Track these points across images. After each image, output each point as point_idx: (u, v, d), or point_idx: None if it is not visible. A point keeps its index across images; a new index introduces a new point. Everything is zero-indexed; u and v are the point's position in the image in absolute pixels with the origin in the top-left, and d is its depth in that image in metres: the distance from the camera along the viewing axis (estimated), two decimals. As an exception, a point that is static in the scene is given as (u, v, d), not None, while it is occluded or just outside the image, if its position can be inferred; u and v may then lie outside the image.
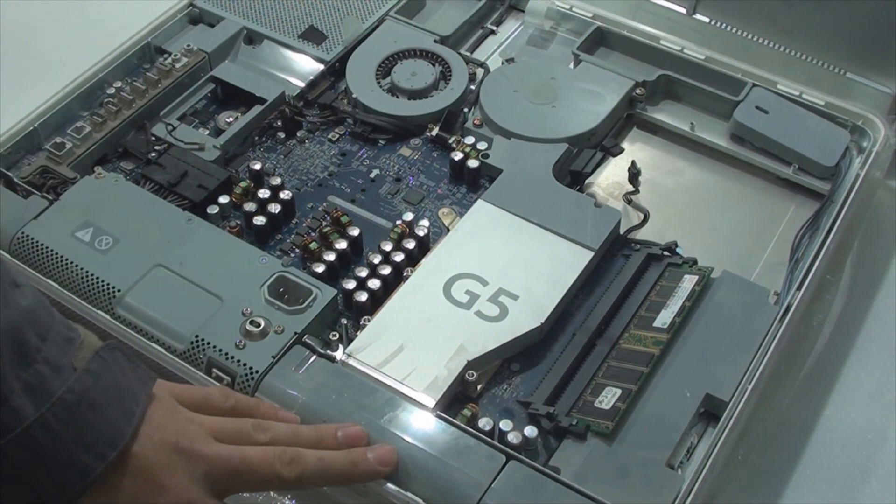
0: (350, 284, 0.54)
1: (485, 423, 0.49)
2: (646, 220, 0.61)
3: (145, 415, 0.40)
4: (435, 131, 0.65)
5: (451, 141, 0.64)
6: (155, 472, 0.39)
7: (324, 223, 0.59)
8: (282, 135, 0.65)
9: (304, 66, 0.69)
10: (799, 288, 0.55)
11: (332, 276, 0.56)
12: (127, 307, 0.52)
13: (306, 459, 0.43)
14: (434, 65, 0.68)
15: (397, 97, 0.67)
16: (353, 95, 0.66)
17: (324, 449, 0.44)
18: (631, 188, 0.62)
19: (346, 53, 0.69)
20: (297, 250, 0.58)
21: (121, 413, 0.39)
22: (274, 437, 0.43)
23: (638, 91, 0.67)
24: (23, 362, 0.36)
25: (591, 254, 0.56)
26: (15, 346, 0.36)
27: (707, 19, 0.72)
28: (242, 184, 0.60)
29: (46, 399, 0.36)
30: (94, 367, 0.38)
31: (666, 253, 0.58)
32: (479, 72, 0.69)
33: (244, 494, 0.50)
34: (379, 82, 0.67)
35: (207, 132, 0.64)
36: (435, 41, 0.70)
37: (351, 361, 0.51)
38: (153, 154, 0.62)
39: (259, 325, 0.51)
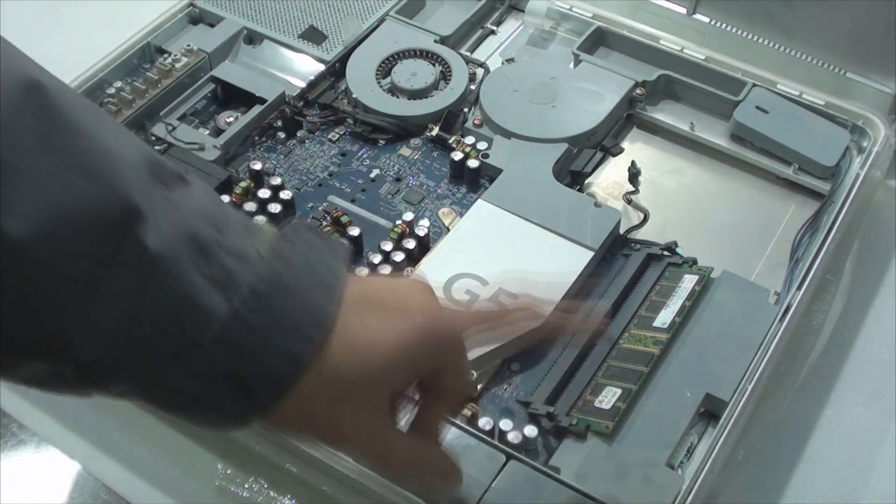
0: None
1: (485, 422, 0.49)
2: (646, 220, 0.61)
3: (347, 284, 0.36)
4: (435, 131, 0.65)
5: (451, 141, 0.64)
6: (387, 304, 0.37)
7: (324, 223, 0.59)
8: (282, 135, 0.65)
9: (304, 66, 0.69)
10: (799, 288, 0.55)
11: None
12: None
13: None
14: (434, 65, 0.68)
15: (397, 97, 0.67)
16: (353, 95, 0.66)
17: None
18: (631, 188, 0.62)
19: (346, 53, 0.69)
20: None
21: (321, 292, 0.35)
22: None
23: (638, 91, 0.67)
24: (204, 259, 0.33)
25: (591, 254, 0.56)
26: (193, 244, 0.33)
27: (707, 19, 0.72)
28: (243, 184, 0.60)
29: (236, 290, 0.33)
30: (282, 249, 0.35)
31: (666, 253, 0.58)
32: (479, 72, 0.69)
33: (244, 493, 0.50)
34: (379, 82, 0.67)
35: (207, 132, 0.64)
36: (435, 41, 0.70)
37: (351, 361, 0.51)
38: (153, 154, 0.62)
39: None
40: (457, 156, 0.62)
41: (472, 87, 0.68)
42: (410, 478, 0.42)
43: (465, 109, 0.66)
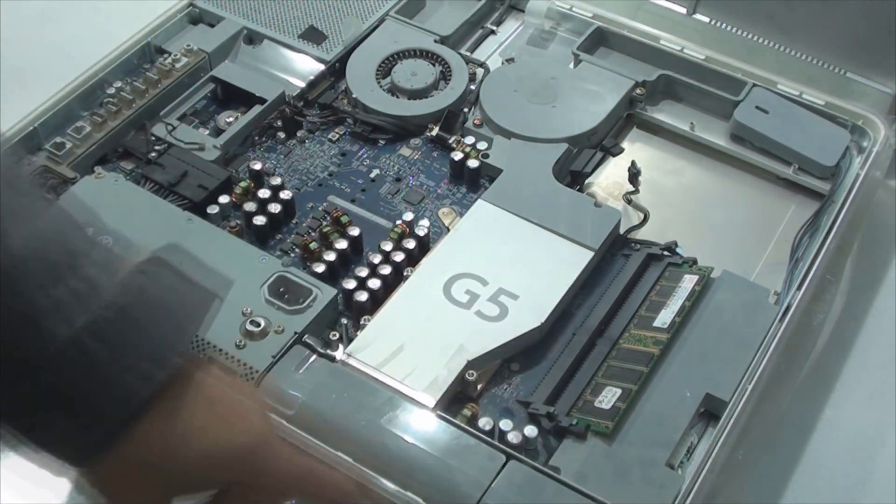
0: (350, 284, 0.54)
1: (485, 422, 0.49)
2: (646, 220, 0.61)
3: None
4: (435, 131, 0.65)
5: (451, 141, 0.64)
6: (232, 407, 0.36)
7: (324, 223, 0.59)
8: (282, 135, 0.65)
9: (304, 66, 0.69)
10: (799, 288, 0.55)
11: (332, 276, 0.56)
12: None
13: None
14: (434, 65, 0.68)
15: (397, 97, 0.67)
16: (353, 95, 0.66)
17: None
18: (631, 188, 0.62)
19: (346, 53, 0.69)
20: (297, 250, 0.58)
21: (172, 331, 0.34)
22: None
23: (638, 91, 0.67)
24: (53, 280, 0.32)
25: (591, 254, 0.56)
26: (45, 261, 0.32)
27: (707, 19, 0.72)
28: (242, 184, 0.60)
29: (81, 318, 0.32)
30: (136, 280, 0.34)
31: (666, 253, 0.58)
32: (479, 72, 0.69)
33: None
34: (379, 82, 0.67)
35: (207, 132, 0.64)
36: (435, 41, 0.70)
37: (351, 361, 0.51)
38: (153, 154, 0.62)
39: (259, 325, 0.51)
40: (457, 156, 0.62)
41: (472, 87, 0.68)
42: None
43: (465, 109, 0.66)
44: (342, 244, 0.56)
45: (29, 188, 0.34)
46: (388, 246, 0.56)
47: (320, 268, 0.55)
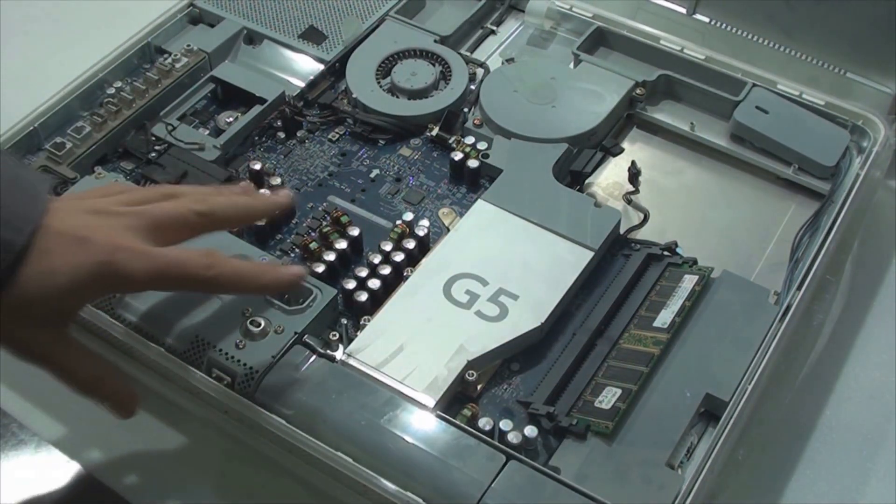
0: (350, 284, 0.54)
1: (485, 423, 0.49)
2: (646, 220, 0.61)
3: (51, 204, 0.43)
4: (435, 131, 0.65)
5: (451, 141, 0.64)
6: (76, 233, 0.42)
7: (324, 223, 0.59)
8: (282, 135, 0.65)
9: (304, 66, 0.69)
10: (799, 288, 0.55)
11: (332, 276, 0.56)
12: (127, 307, 0.52)
13: (218, 202, 0.48)
14: (434, 65, 0.68)
15: (397, 97, 0.67)
16: (353, 95, 0.66)
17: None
18: (631, 188, 0.62)
19: (346, 53, 0.69)
20: (297, 250, 0.58)
21: (27, 197, 0.42)
22: (183, 193, 0.48)
23: (638, 91, 0.67)
24: None
25: (591, 254, 0.56)
26: None
27: (707, 19, 0.72)
28: (243, 184, 0.60)
29: None
30: None
31: (666, 253, 0.58)
32: (479, 72, 0.69)
33: (244, 494, 0.50)
34: (379, 82, 0.67)
35: (207, 132, 0.64)
36: (435, 41, 0.70)
37: (351, 361, 0.51)
38: (153, 154, 0.62)
39: (259, 325, 0.51)
40: (457, 156, 0.62)
41: (472, 87, 0.68)
42: (87, 393, 0.46)
43: (465, 109, 0.66)
44: (342, 244, 0.56)
45: None
46: (388, 246, 0.56)
47: (320, 268, 0.55)
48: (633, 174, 0.63)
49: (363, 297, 0.54)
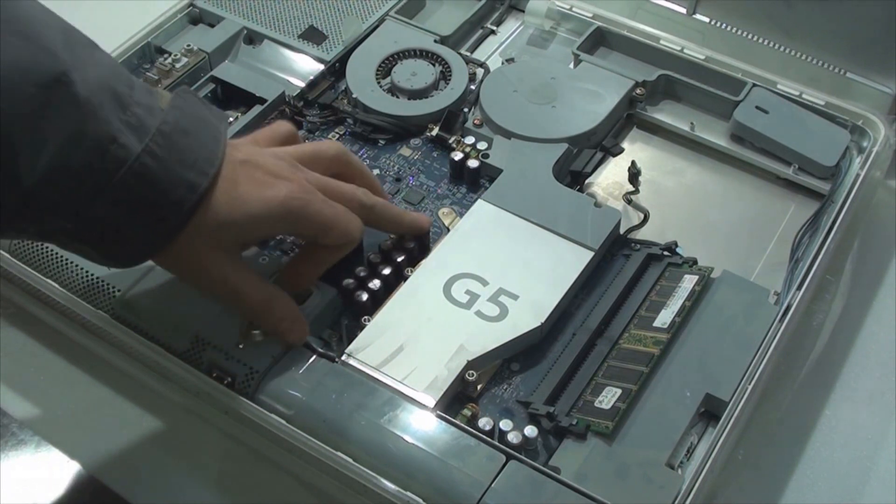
0: (350, 284, 0.54)
1: (485, 423, 0.49)
2: (646, 220, 0.61)
3: (232, 144, 0.46)
4: (435, 131, 0.65)
5: (451, 141, 0.64)
6: (269, 168, 0.47)
7: (324, 223, 0.58)
8: (282, 135, 0.65)
9: (304, 66, 0.69)
10: (799, 288, 0.55)
11: (332, 276, 0.56)
12: (127, 307, 0.52)
13: (379, 203, 0.53)
14: (434, 65, 0.68)
15: (397, 97, 0.67)
16: (353, 95, 0.66)
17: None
18: (631, 188, 0.62)
19: (346, 53, 0.69)
20: (297, 250, 0.58)
21: (210, 137, 0.45)
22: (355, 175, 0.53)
23: (638, 91, 0.67)
24: (121, 107, 0.41)
25: (591, 254, 0.56)
26: (111, 95, 0.41)
27: (707, 19, 0.72)
28: (242, 184, 0.60)
29: (147, 133, 0.42)
30: (178, 103, 0.44)
31: (666, 253, 0.58)
32: (479, 72, 0.69)
33: (244, 493, 0.50)
34: (379, 82, 0.67)
35: (207, 132, 0.64)
36: (435, 41, 0.70)
37: (351, 361, 0.51)
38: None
39: (259, 326, 0.51)
40: (457, 156, 0.62)
41: (472, 87, 0.68)
42: (260, 316, 0.49)
43: (465, 109, 0.66)
44: (342, 244, 0.56)
45: (83, 38, 0.42)
46: (388, 246, 0.56)
47: (320, 268, 0.55)
48: (633, 174, 0.63)
49: (363, 297, 0.54)
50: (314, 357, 0.50)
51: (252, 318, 0.50)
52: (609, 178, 0.64)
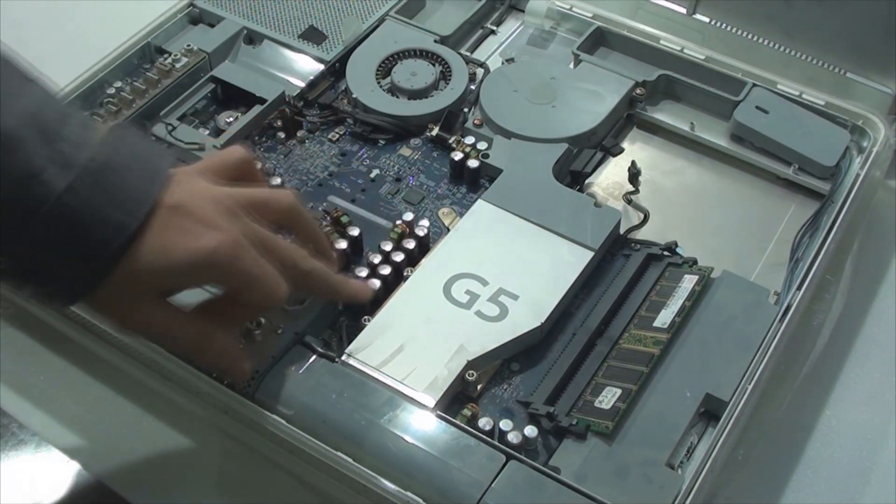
0: (350, 284, 0.54)
1: (485, 423, 0.49)
2: (646, 220, 0.61)
3: (171, 179, 0.43)
4: (435, 131, 0.65)
5: (451, 141, 0.64)
6: (201, 216, 0.43)
7: (324, 223, 0.59)
8: (282, 135, 0.65)
9: (304, 66, 0.69)
10: (799, 288, 0.55)
11: (332, 276, 0.56)
12: (127, 307, 0.52)
13: (317, 269, 0.48)
14: (434, 65, 0.68)
15: (397, 97, 0.67)
16: (353, 95, 0.66)
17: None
18: (631, 188, 0.62)
19: (346, 53, 0.69)
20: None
21: (146, 176, 0.42)
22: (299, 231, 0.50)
23: (638, 91, 0.67)
24: (46, 142, 0.39)
25: (591, 254, 0.56)
26: (37, 129, 0.39)
27: (707, 19, 0.72)
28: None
29: (73, 169, 0.40)
30: (111, 139, 0.42)
31: (666, 253, 0.58)
32: (479, 72, 0.69)
33: (244, 493, 0.50)
34: (379, 82, 0.67)
35: (207, 132, 0.64)
36: (435, 41, 0.70)
37: (351, 361, 0.51)
38: (153, 154, 0.62)
39: (259, 325, 0.51)
40: (457, 156, 0.62)
41: (472, 87, 0.68)
42: (194, 356, 0.48)
43: (465, 109, 0.66)
44: (342, 244, 0.56)
45: (13, 69, 0.41)
46: (388, 246, 0.56)
47: (320, 268, 0.55)
48: (633, 174, 0.63)
49: (363, 297, 0.54)
50: (314, 357, 0.50)
51: (191, 357, 0.49)
52: (609, 178, 0.64)
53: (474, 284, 0.54)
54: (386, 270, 0.55)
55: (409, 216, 0.58)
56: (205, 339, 0.46)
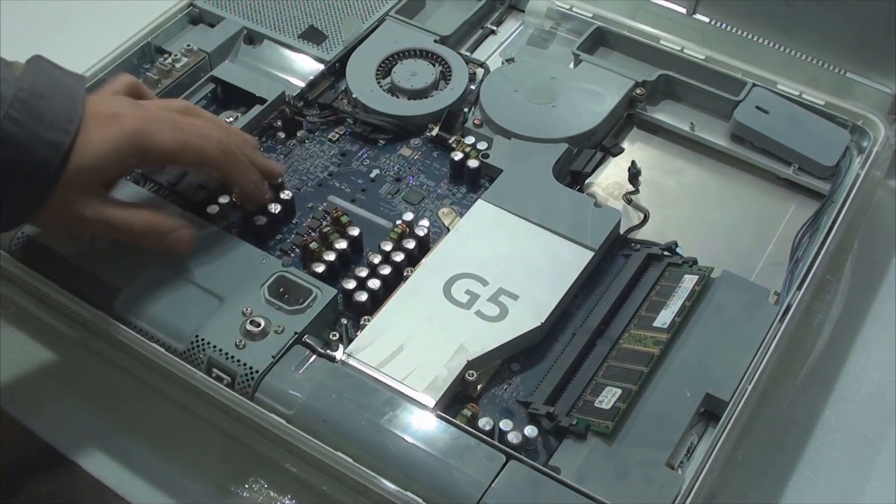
0: (350, 284, 0.54)
1: (485, 423, 0.49)
2: (646, 220, 0.61)
3: (88, 98, 0.49)
4: (435, 131, 0.65)
5: (451, 141, 0.64)
6: (110, 110, 0.50)
7: (324, 223, 0.59)
8: (282, 135, 0.65)
9: (304, 66, 0.69)
10: (799, 288, 0.55)
11: (332, 276, 0.56)
12: (127, 307, 0.52)
13: (238, 151, 0.55)
14: (434, 65, 0.68)
15: (397, 97, 0.67)
16: (353, 95, 0.66)
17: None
18: (631, 188, 0.62)
19: (346, 53, 0.69)
20: (297, 250, 0.58)
21: (67, 97, 0.48)
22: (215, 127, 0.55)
23: (638, 91, 0.67)
24: None
25: (591, 254, 0.56)
26: None
27: (707, 19, 0.72)
28: (242, 184, 0.60)
29: (4, 102, 0.45)
30: (32, 70, 0.48)
31: (666, 253, 0.58)
32: (479, 72, 0.69)
33: (244, 494, 0.50)
34: (379, 82, 0.67)
35: (207, 132, 0.64)
36: (435, 41, 0.70)
37: (351, 361, 0.51)
38: (153, 154, 0.62)
39: (259, 325, 0.51)
40: (457, 156, 0.62)
41: (472, 87, 0.68)
42: (147, 239, 0.53)
43: (465, 109, 0.66)
44: (342, 244, 0.56)
45: None
46: (388, 246, 0.56)
47: (320, 268, 0.55)
48: (633, 174, 0.63)
49: (363, 297, 0.54)
50: (314, 357, 0.50)
51: (142, 244, 0.53)
52: (609, 178, 0.64)
53: (474, 284, 0.54)
54: (386, 270, 0.55)
55: (409, 216, 0.58)
56: (152, 222, 0.52)
